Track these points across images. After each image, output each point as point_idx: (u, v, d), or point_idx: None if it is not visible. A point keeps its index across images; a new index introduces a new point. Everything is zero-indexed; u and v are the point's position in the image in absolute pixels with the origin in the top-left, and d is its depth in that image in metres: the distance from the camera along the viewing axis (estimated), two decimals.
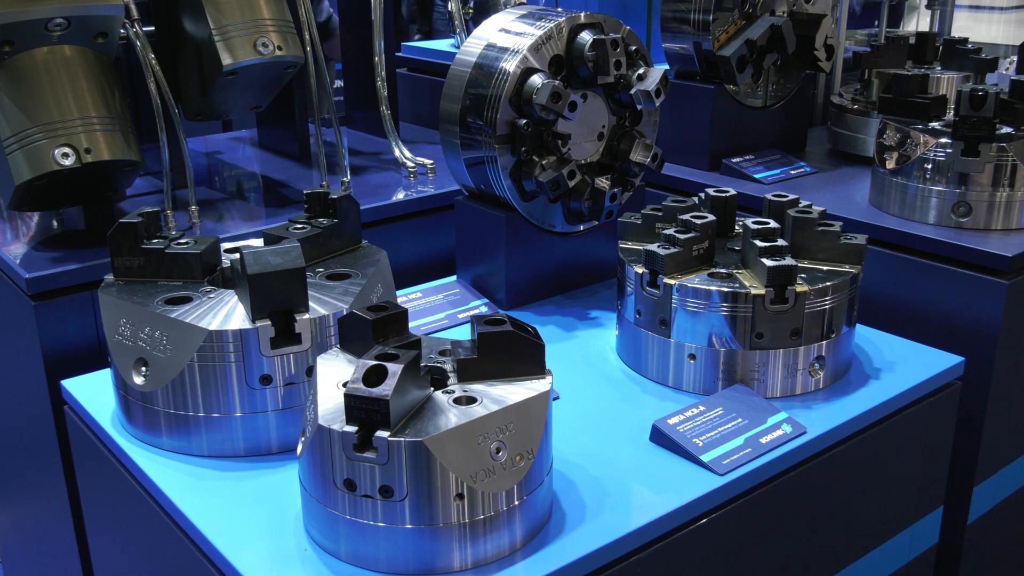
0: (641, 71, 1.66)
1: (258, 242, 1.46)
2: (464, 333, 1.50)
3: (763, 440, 1.29)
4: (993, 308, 1.70)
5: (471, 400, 1.03)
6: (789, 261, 1.36)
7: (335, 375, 1.08)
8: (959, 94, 1.79)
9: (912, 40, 2.50)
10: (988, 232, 1.80)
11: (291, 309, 1.22)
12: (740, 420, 1.32)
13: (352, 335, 1.12)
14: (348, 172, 2.15)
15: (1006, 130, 1.84)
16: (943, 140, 1.80)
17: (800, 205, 1.53)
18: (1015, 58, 2.48)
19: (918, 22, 4.45)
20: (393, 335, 1.11)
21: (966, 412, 1.67)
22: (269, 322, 1.20)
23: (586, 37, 1.62)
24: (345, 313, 1.15)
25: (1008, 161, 1.78)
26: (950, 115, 1.90)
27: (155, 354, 1.23)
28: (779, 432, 1.31)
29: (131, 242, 1.34)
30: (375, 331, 1.09)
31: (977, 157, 1.77)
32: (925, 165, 1.83)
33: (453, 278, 1.81)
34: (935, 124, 1.89)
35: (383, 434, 0.95)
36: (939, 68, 2.42)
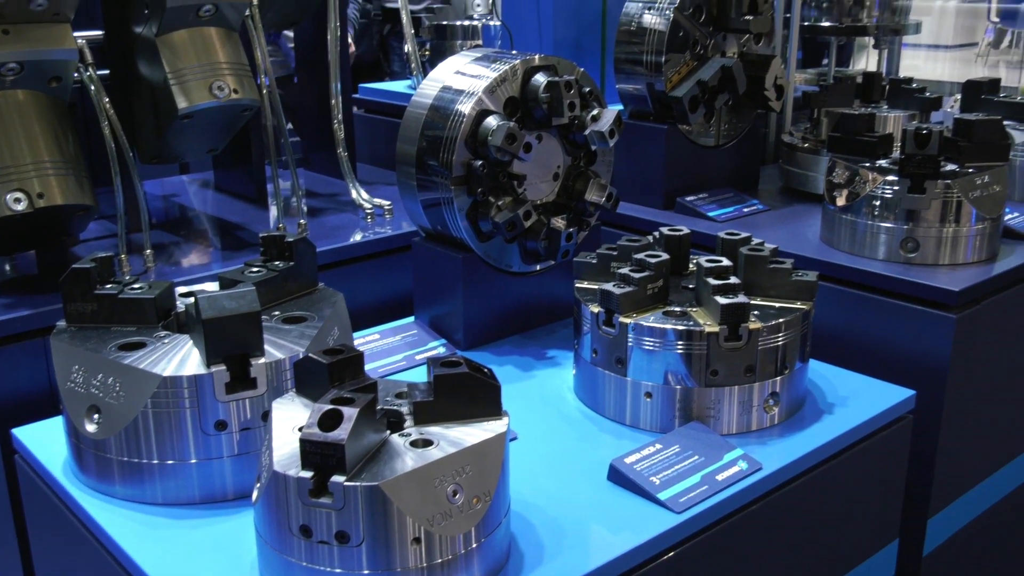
0: (595, 112, 1.69)
1: (213, 286, 1.46)
2: (422, 375, 1.51)
3: (719, 477, 1.30)
4: (942, 342, 1.73)
5: (427, 443, 1.03)
6: (742, 299, 1.38)
7: (291, 420, 1.07)
8: (904, 133, 1.83)
9: (859, 80, 2.55)
10: (936, 267, 1.84)
11: (246, 353, 1.21)
12: (696, 457, 1.33)
13: (308, 379, 1.12)
14: (305, 214, 2.15)
15: (951, 167, 1.88)
16: (890, 178, 1.84)
17: (752, 243, 1.56)
18: (960, 96, 2.54)
19: (867, 61, 4.55)
20: (349, 378, 1.10)
21: (918, 445, 1.70)
22: (224, 367, 1.20)
23: (540, 79, 1.64)
24: (301, 357, 1.15)
25: (954, 197, 1.82)
26: (897, 153, 1.94)
27: (108, 401, 1.22)
28: (735, 469, 1.32)
29: (84, 288, 1.33)
30: (331, 375, 1.08)
31: (923, 194, 1.81)
32: (873, 202, 1.86)
33: (411, 319, 1.81)
34: (882, 162, 1.93)
35: (339, 479, 0.95)
36: (886, 107, 2.48)
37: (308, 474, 0.96)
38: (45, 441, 1.41)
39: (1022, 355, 2.00)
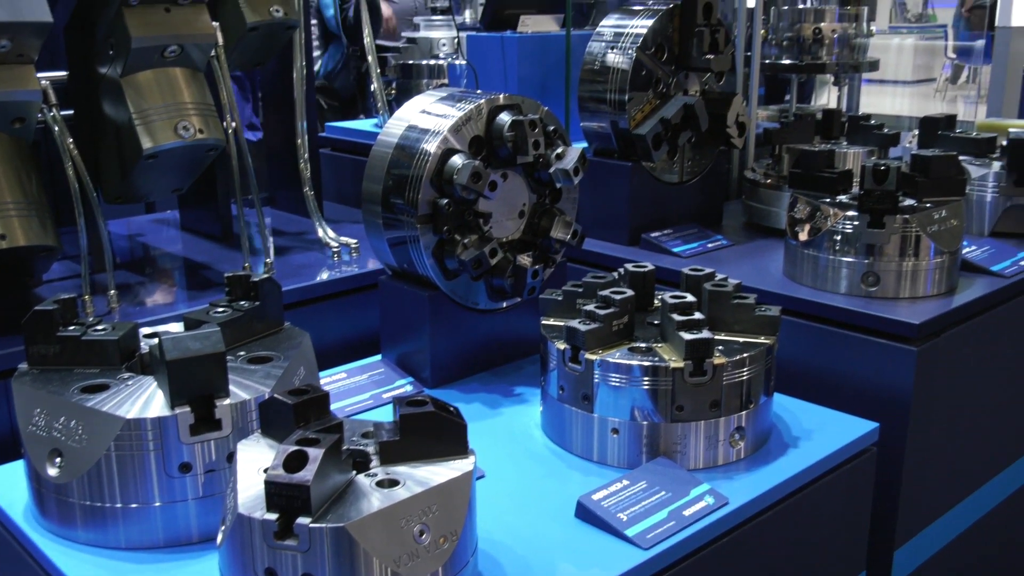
0: (559, 150, 1.70)
1: (178, 326, 1.45)
2: (389, 413, 1.50)
3: (686, 512, 1.30)
4: (904, 374, 1.75)
5: (393, 483, 1.03)
6: (706, 334, 1.39)
7: (256, 461, 1.07)
8: (863, 169, 1.86)
9: (819, 116, 2.60)
10: (897, 300, 1.87)
11: (211, 395, 1.20)
12: (663, 493, 1.33)
13: (273, 420, 1.12)
14: (271, 253, 2.15)
15: (909, 202, 1.91)
16: (850, 213, 1.87)
17: (716, 279, 1.58)
18: (918, 132, 2.59)
19: (828, 97, 4.63)
20: (315, 418, 1.10)
21: (883, 477, 1.71)
22: (188, 408, 1.19)
23: (505, 118, 1.66)
24: (266, 397, 1.14)
25: (912, 232, 1.85)
26: (856, 189, 1.97)
27: (70, 444, 1.21)
28: (702, 504, 1.32)
29: (46, 330, 1.32)
30: (296, 415, 1.08)
31: (883, 229, 1.84)
32: (834, 237, 1.89)
33: (378, 358, 1.81)
34: (842, 197, 1.96)
35: (304, 521, 0.95)
36: (845, 143, 2.52)
37: (273, 516, 0.95)
38: (6, 486, 1.39)
39: (983, 386, 2.02)
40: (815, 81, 4.75)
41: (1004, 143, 2.32)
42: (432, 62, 2.64)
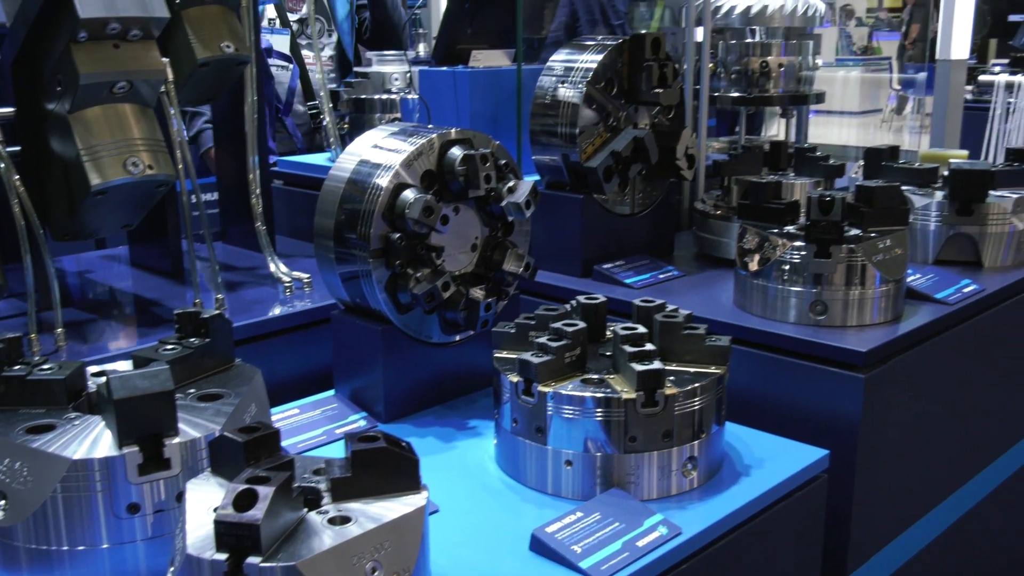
0: (511, 184, 1.72)
1: (127, 365, 1.43)
2: (342, 449, 1.49)
3: (640, 543, 1.31)
4: (852, 401, 1.78)
5: (345, 520, 1.02)
6: (657, 365, 1.40)
7: (205, 500, 1.06)
8: (809, 200, 1.90)
9: (767, 148, 2.64)
10: (845, 329, 1.90)
11: (160, 433, 1.19)
12: (617, 524, 1.34)
13: (223, 458, 1.11)
14: (222, 289, 2.13)
15: (855, 232, 1.95)
16: (797, 243, 1.90)
17: (667, 310, 1.59)
18: (863, 162, 2.64)
19: (779, 128, 4.72)
20: (265, 456, 1.09)
21: (834, 503, 1.73)
22: (137, 448, 1.17)
23: (456, 152, 1.67)
24: (217, 435, 1.13)
25: (858, 261, 1.88)
26: (803, 219, 2.01)
27: (15, 487, 1.18)
28: (655, 535, 1.33)
29: None
30: (246, 453, 1.07)
31: (829, 259, 1.87)
32: (783, 267, 1.92)
33: (331, 393, 1.80)
34: (790, 228, 2.00)
35: (254, 560, 0.94)
36: (792, 174, 2.57)
37: (223, 556, 0.94)
38: None
39: (930, 411, 2.06)
40: (765, 113, 4.83)
41: (946, 173, 2.38)
42: (384, 97, 2.65)
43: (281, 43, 3.56)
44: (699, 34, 2.83)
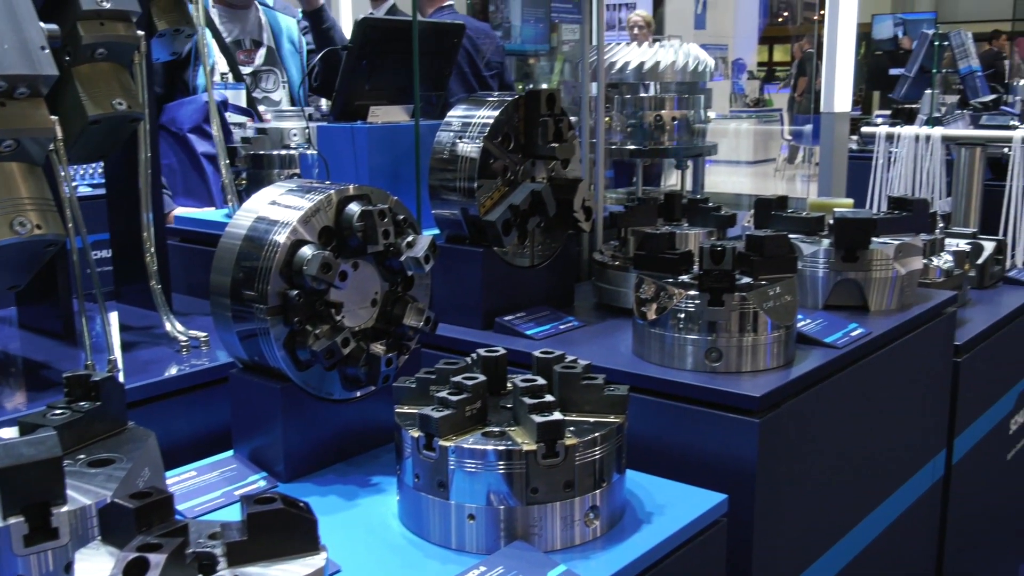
0: (410, 238, 1.73)
1: (13, 431, 1.39)
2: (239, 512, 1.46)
3: None
4: (748, 446, 1.82)
5: None
6: (557, 416, 1.42)
7: (95, 571, 1.02)
8: (702, 250, 1.95)
9: (661, 200, 2.71)
10: (739, 375, 1.95)
11: (47, 502, 1.15)
12: None
13: (113, 526, 1.08)
14: (115, 349, 2.08)
15: (746, 280, 2.01)
16: (692, 292, 1.95)
17: (566, 360, 1.61)
18: (754, 212, 2.73)
19: (677, 178, 4.86)
20: (158, 522, 1.07)
21: (735, 546, 1.76)
22: (22, 518, 1.13)
23: (354, 208, 1.68)
24: (107, 502, 1.10)
25: (750, 309, 1.94)
26: (697, 268, 2.06)
27: None
28: None
29: None
30: (138, 520, 1.05)
31: (722, 306, 1.93)
32: (679, 315, 1.97)
33: (230, 453, 1.77)
34: (684, 277, 2.05)
35: None
36: (686, 225, 2.64)
37: None
38: None
39: (825, 451, 2.12)
40: (663, 164, 4.97)
41: (831, 222, 2.47)
42: (283, 152, 2.64)
43: (236, 97, 3.54)
44: (595, 88, 2.90)
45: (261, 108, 3.73)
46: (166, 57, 2.32)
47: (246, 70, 3.78)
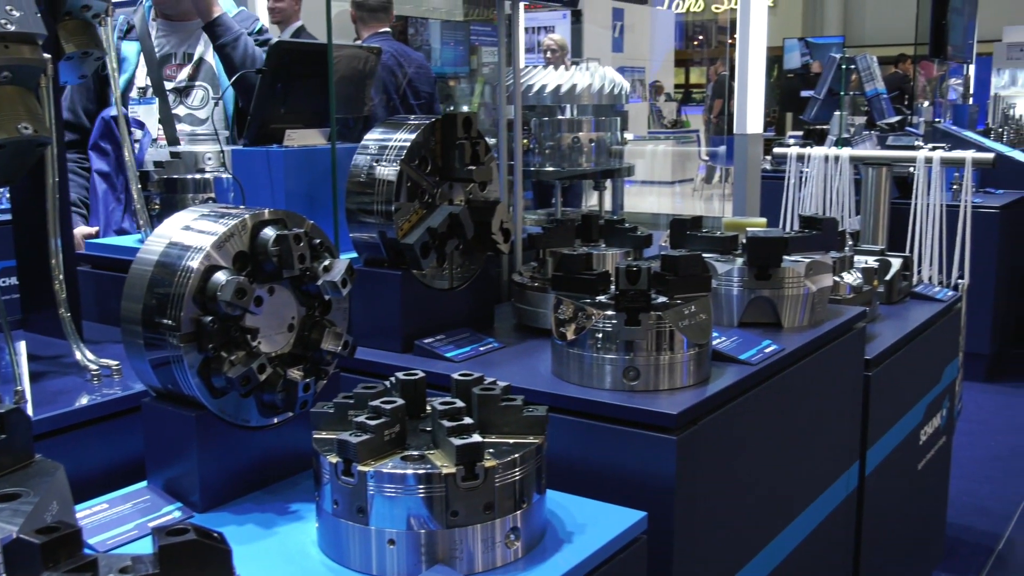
0: (327, 263, 1.72)
1: None
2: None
3: None
4: (666, 463, 1.84)
5: None
6: (476, 438, 1.42)
7: None
8: (618, 270, 1.98)
9: (579, 221, 2.74)
10: (657, 393, 1.97)
11: None
12: None
13: (18, 563, 1.04)
14: (23, 380, 2.02)
15: (662, 300, 2.04)
16: (609, 312, 1.98)
17: (485, 382, 1.62)
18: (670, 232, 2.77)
19: (596, 199, 4.91)
20: (66, 558, 1.04)
21: (655, 563, 1.78)
22: None
23: (269, 233, 1.66)
24: (12, 538, 1.07)
25: (666, 328, 1.97)
26: (614, 289, 2.08)
27: None
28: None
29: None
30: (44, 555, 1.02)
31: (638, 326, 1.95)
32: (596, 335, 1.99)
33: (143, 484, 1.73)
34: (601, 298, 2.07)
35: None
36: (603, 245, 2.67)
37: None
38: None
39: (742, 466, 2.16)
40: (583, 185, 5.03)
41: (745, 240, 2.53)
42: (198, 176, 2.60)
43: (149, 112, 3.29)
44: (512, 111, 2.92)
45: (181, 125, 3.60)
46: (74, 80, 2.27)
47: (169, 85, 3.63)
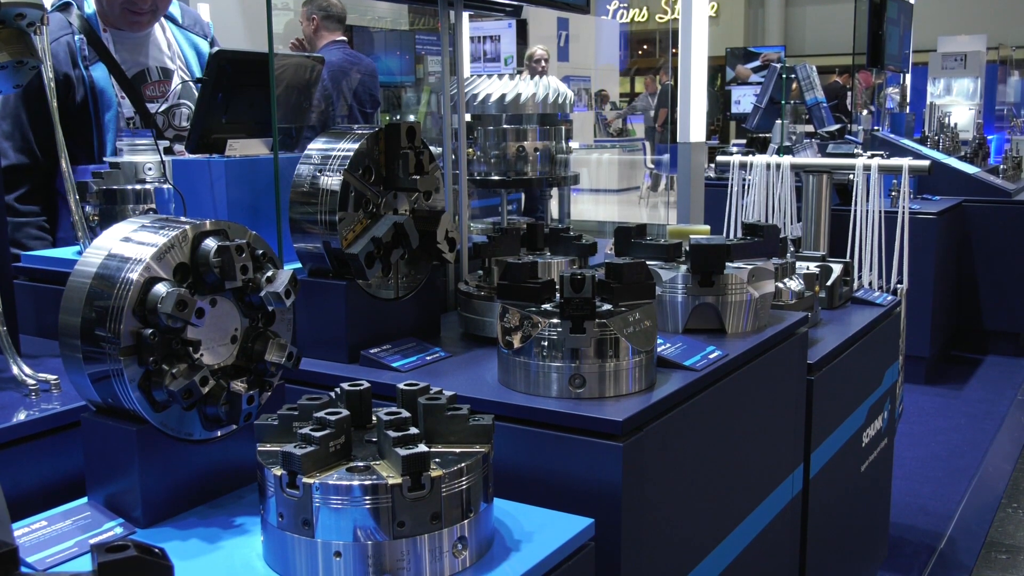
0: (270, 273, 1.70)
1: None
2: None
3: None
4: (612, 469, 1.85)
5: None
6: (422, 448, 1.42)
7: None
8: (562, 278, 1.99)
9: (524, 229, 2.75)
10: (603, 400, 1.98)
11: None
12: None
13: None
14: None
15: (606, 307, 2.06)
16: (554, 320, 1.98)
17: (431, 392, 1.62)
18: (614, 240, 2.79)
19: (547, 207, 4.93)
20: None
21: (603, 570, 1.79)
22: None
23: (211, 244, 1.64)
24: None
25: (610, 335, 1.98)
26: (559, 297, 2.09)
27: None
28: None
29: None
30: None
31: (583, 333, 1.96)
32: (542, 343, 1.99)
33: (84, 501, 1.70)
34: (547, 306, 2.08)
35: None
36: (549, 254, 2.68)
37: None
38: None
39: (688, 471, 2.18)
40: (537, 193, 5.03)
41: (688, 248, 2.56)
42: (138, 187, 2.56)
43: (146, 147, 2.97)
44: (457, 120, 2.92)
45: (178, 148, 3.00)
46: (8, 91, 2.23)
47: (154, 107, 3.23)
